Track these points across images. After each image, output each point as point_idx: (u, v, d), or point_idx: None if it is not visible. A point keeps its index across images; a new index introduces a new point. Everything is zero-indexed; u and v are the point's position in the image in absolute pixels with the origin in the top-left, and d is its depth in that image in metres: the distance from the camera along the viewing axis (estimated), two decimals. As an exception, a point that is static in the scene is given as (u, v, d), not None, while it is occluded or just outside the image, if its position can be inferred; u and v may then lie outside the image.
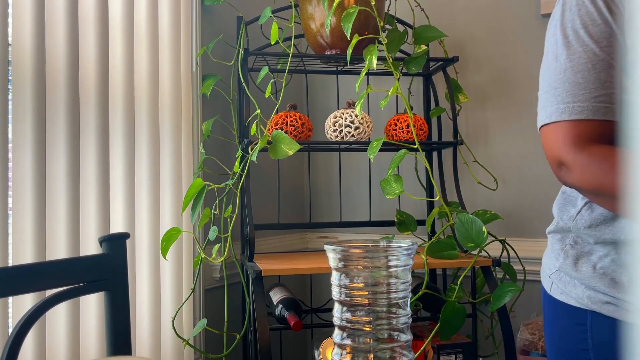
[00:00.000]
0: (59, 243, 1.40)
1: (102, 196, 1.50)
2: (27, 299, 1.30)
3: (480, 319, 1.88)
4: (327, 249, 0.72)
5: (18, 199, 1.32)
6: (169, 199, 1.73)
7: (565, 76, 0.91)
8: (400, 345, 0.69)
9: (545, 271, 1.10)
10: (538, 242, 1.85)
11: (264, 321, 1.47)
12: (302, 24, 1.85)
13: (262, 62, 1.91)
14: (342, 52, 1.79)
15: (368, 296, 0.69)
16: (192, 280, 1.78)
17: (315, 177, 2.40)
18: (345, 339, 0.69)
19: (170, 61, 1.74)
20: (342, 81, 2.20)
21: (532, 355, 1.65)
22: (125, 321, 1.10)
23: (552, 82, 0.93)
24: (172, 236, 1.62)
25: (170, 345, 1.71)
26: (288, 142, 1.58)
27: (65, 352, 1.39)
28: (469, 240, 1.58)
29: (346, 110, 1.78)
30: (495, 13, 2.02)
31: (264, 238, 2.12)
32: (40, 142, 1.36)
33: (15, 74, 1.33)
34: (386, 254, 0.70)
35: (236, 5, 2.02)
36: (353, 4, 1.72)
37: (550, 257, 1.09)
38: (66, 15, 1.42)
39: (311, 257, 1.80)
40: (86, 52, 1.49)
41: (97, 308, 1.47)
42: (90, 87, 1.49)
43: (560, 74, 0.92)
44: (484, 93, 2.02)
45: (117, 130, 1.57)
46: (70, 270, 1.06)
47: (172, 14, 1.75)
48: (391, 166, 1.58)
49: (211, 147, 1.90)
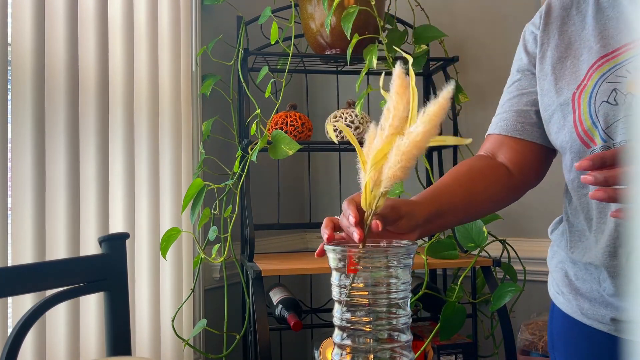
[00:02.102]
0: (58, 243, 1.40)
1: (101, 196, 1.50)
2: (27, 299, 1.30)
3: (480, 319, 1.88)
4: (327, 249, 0.72)
5: (18, 199, 1.32)
6: (168, 199, 1.73)
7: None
8: (400, 345, 0.69)
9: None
10: (538, 242, 1.84)
11: (264, 321, 1.47)
12: (302, 24, 1.85)
13: (262, 62, 1.91)
14: (342, 52, 1.79)
15: (368, 296, 0.69)
16: (192, 280, 1.78)
17: (315, 177, 2.40)
18: (345, 339, 0.69)
19: (170, 61, 1.74)
20: (342, 81, 2.20)
21: (533, 355, 1.65)
22: (125, 321, 1.10)
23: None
24: (172, 236, 1.62)
25: (170, 345, 1.70)
26: (288, 142, 1.57)
27: (65, 352, 1.39)
28: (469, 240, 1.58)
29: (346, 110, 1.78)
30: (495, 13, 2.02)
31: (264, 238, 2.12)
32: (39, 142, 1.36)
33: (15, 74, 1.33)
34: (386, 254, 0.70)
35: (236, 5, 2.02)
36: (353, 4, 1.72)
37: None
38: (66, 15, 1.42)
39: (311, 257, 1.80)
40: (86, 52, 1.49)
41: (97, 308, 1.47)
42: (89, 87, 1.49)
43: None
44: (484, 93, 2.02)
45: (117, 130, 1.57)
46: (70, 270, 1.06)
47: (172, 14, 1.75)
48: (391, 166, 1.58)
49: (211, 147, 1.90)
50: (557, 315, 1.01)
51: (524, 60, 1.01)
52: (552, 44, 0.96)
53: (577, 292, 0.95)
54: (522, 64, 1.02)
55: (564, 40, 0.95)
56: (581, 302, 0.93)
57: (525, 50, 1.01)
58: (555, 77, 0.94)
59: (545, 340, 1.63)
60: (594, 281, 0.91)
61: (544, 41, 0.97)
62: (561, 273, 0.99)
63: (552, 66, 0.94)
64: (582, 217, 0.93)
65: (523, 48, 1.02)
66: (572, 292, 0.96)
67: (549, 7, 0.99)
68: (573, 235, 0.96)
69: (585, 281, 0.93)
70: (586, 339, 0.93)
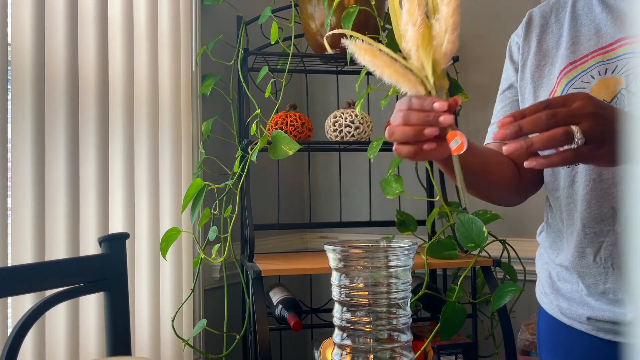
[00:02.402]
0: (58, 243, 1.40)
1: (101, 196, 1.50)
2: (27, 299, 1.30)
3: (480, 319, 1.87)
4: (327, 249, 0.72)
5: (18, 199, 1.32)
6: (168, 199, 1.73)
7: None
8: (400, 345, 0.69)
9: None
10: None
11: (264, 321, 1.47)
12: (302, 24, 1.85)
13: (262, 62, 1.91)
14: (342, 52, 1.79)
15: (368, 296, 0.69)
16: (192, 280, 1.78)
17: (315, 177, 2.40)
18: (345, 339, 0.69)
19: (170, 61, 1.74)
20: (342, 81, 2.20)
21: (533, 355, 1.65)
22: (125, 321, 1.10)
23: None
24: (172, 236, 1.62)
25: (170, 345, 1.70)
26: (288, 142, 1.57)
27: (65, 352, 1.39)
28: (469, 240, 1.58)
29: (346, 110, 1.78)
30: (495, 13, 2.02)
31: (264, 238, 2.12)
32: (39, 142, 1.36)
33: (15, 74, 1.33)
34: (386, 254, 0.70)
35: (236, 5, 2.02)
36: (353, 4, 1.72)
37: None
38: (66, 15, 1.42)
39: (311, 257, 1.80)
40: (86, 52, 1.49)
41: (97, 308, 1.47)
42: (89, 87, 1.49)
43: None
44: (484, 93, 2.02)
45: (117, 130, 1.57)
46: (70, 270, 1.06)
47: (171, 14, 1.75)
48: (391, 166, 1.58)
49: (211, 147, 1.90)
50: (542, 316, 1.03)
51: (510, 69, 1.05)
52: (531, 52, 0.99)
53: (557, 292, 0.97)
54: (509, 74, 1.05)
55: (541, 48, 0.98)
56: (561, 302, 0.95)
57: (511, 60, 1.05)
58: (534, 84, 0.96)
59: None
60: (573, 281, 0.93)
61: (524, 50, 1.01)
62: (545, 274, 1.01)
63: (531, 74, 0.98)
64: (557, 218, 0.96)
65: (509, 57, 1.06)
66: (553, 293, 0.98)
67: (529, 17, 1.03)
68: (550, 236, 0.99)
69: (565, 281, 0.95)
70: (567, 338, 0.95)
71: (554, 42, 0.97)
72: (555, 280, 0.98)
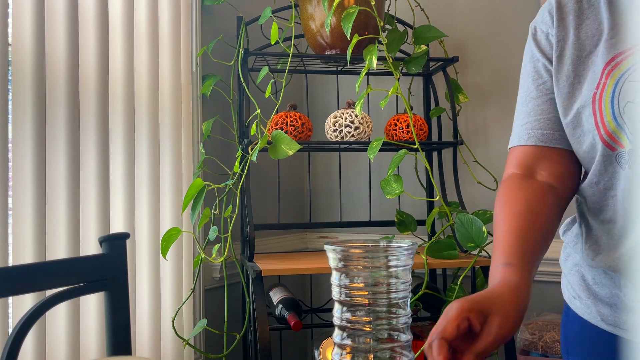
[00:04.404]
0: (59, 243, 1.40)
1: (102, 196, 1.50)
2: (27, 299, 1.30)
3: (480, 319, 1.87)
4: (327, 249, 0.72)
5: (18, 199, 1.32)
6: (169, 199, 1.73)
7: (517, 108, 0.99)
8: (400, 345, 0.69)
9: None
10: (538, 242, 1.84)
11: (264, 321, 1.47)
12: (302, 24, 1.85)
13: (262, 62, 1.91)
14: (342, 52, 1.79)
15: (368, 296, 0.69)
16: (192, 280, 1.78)
17: (315, 177, 2.40)
18: (345, 339, 0.69)
19: (170, 61, 1.74)
20: (342, 81, 2.20)
21: (532, 355, 1.65)
22: (125, 321, 1.10)
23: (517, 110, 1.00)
24: (172, 236, 1.62)
25: (170, 345, 1.71)
26: (288, 142, 1.57)
27: (65, 352, 1.39)
28: (469, 240, 1.58)
29: (346, 110, 1.78)
30: (495, 13, 2.02)
31: (264, 238, 2.12)
32: (40, 142, 1.36)
33: (15, 74, 1.33)
34: (386, 254, 0.70)
35: (236, 5, 2.02)
36: (353, 4, 1.72)
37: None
38: (66, 15, 1.42)
39: (311, 257, 1.80)
40: (86, 52, 1.49)
41: (97, 308, 1.47)
42: (90, 87, 1.49)
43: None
44: (484, 93, 2.02)
45: (117, 130, 1.57)
46: (70, 270, 1.06)
47: (172, 14, 1.75)
48: (391, 166, 1.58)
49: (211, 147, 1.90)
50: (573, 320, 0.97)
51: (541, 61, 0.94)
52: (569, 41, 0.90)
53: (595, 297, 0.91)
54: (537, 66, 0.94)
55: (579, 36, 0.89)
56: (601, 308, 0.90)
57: (541, 51, 0.94)
58: (576, 76, 0.88)
59: (544, 340, 1.63)
60: (614, 286, 0.87)
61: (560, 38, 0.91)
62: (577, 277, 0.95)
63: (573, 65, 0.88)
64: (600, 219, 0.88)
65: (537, 48, 0.95)
66: (590, 297, 0.92)
67: (559, 2, 0.93)
68: (590, 238, 0.92)
69: (604, 286, 0.89)
70: (606, 345, 0.89)
71: (594, 30, 0.88)
72: (590, 285, 0.92)
